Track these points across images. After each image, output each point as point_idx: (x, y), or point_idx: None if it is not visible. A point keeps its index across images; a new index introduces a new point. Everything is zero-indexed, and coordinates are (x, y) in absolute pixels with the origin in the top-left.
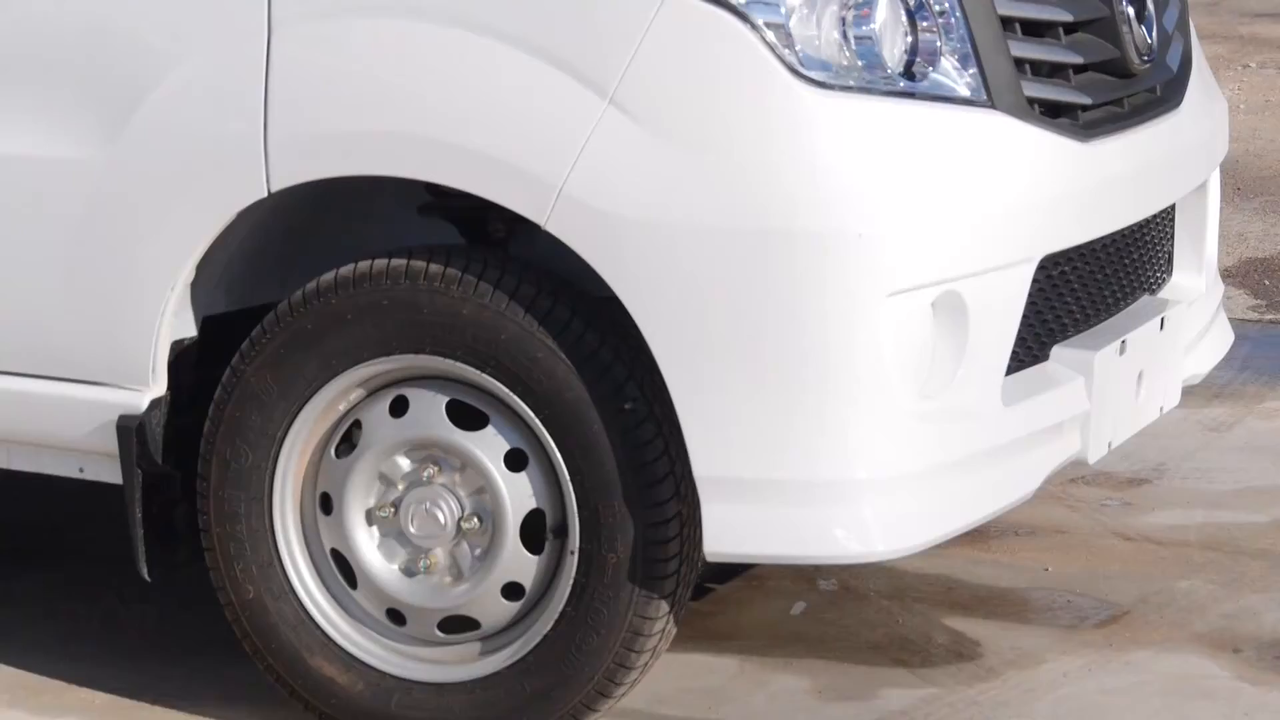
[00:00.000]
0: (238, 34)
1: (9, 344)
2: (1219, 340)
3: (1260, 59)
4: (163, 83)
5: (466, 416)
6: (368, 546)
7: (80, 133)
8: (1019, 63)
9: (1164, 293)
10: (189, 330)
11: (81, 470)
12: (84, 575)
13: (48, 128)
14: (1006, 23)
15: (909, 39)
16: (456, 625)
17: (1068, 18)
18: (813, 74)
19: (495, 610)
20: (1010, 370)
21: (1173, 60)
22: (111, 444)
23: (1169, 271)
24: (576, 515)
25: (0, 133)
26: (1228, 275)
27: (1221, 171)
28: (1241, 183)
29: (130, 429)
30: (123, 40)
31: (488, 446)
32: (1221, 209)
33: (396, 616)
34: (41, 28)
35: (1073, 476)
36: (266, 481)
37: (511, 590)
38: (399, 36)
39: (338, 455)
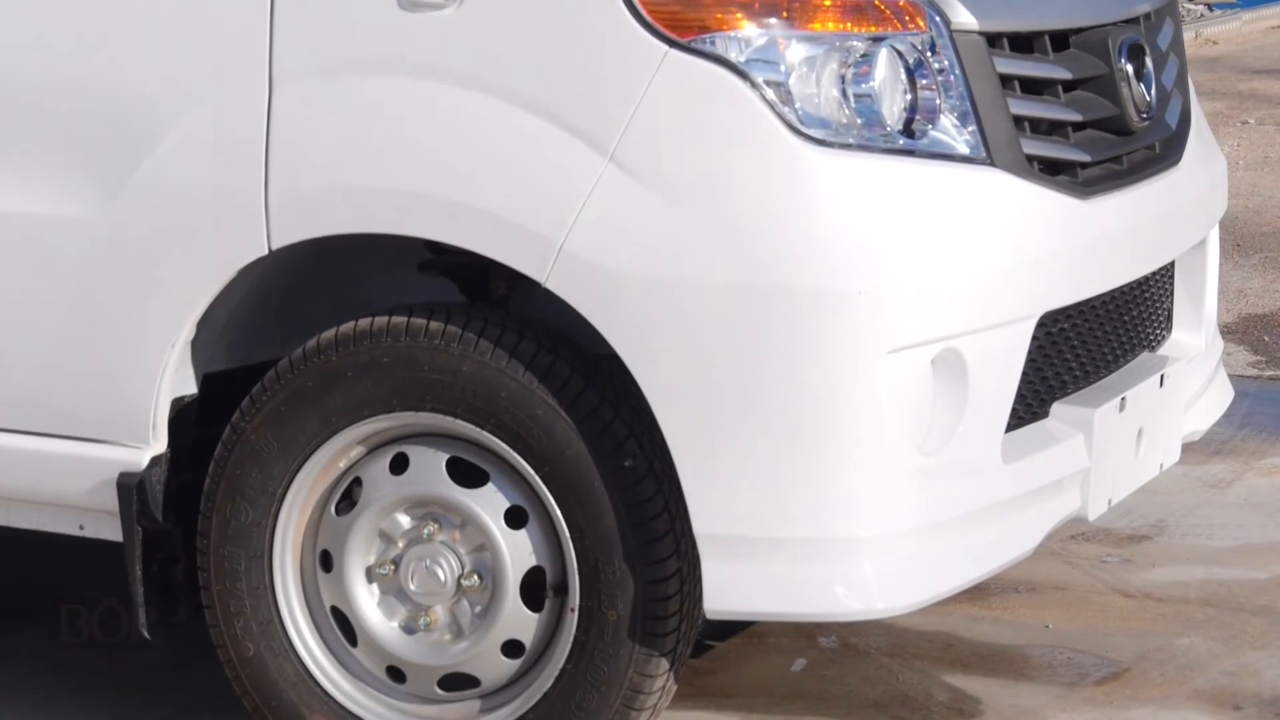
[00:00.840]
0: (239, 91)
1: (9, 401)
2: (1219, 397)
3: (1259, 115)
4: (164, 140)
5: (467, 473)
6: (368, 604)
7: (81, 190)
8: (1018, 120)
9: (1164, 349)
10: (189, 387)
11: (82, 528)
12: (84, 631)
13: (49, 185)
14: (1005, 80)
15: (908, 97)
16: (457, 683)
17: (1067, 75)
18: (812, 131)
19: (495, 668)
20: (1010, 427)
21: (1171, 118)
22: (112, 501)
23: (1168, 328)
24: (577, 572)
25: (3, 190)
26: (1227, 331)
27: (1221, 227)
28: (1241, 239)
29: (130, 486)
30: (124, 98)
31: (488, 504)
32: (1221, 265)
33: (396, 674)
34: (43, 86)
35: (1073, 533)
36: (266, 539)
37: (512, 648)
38: (399, 94)
39: (338, 512)
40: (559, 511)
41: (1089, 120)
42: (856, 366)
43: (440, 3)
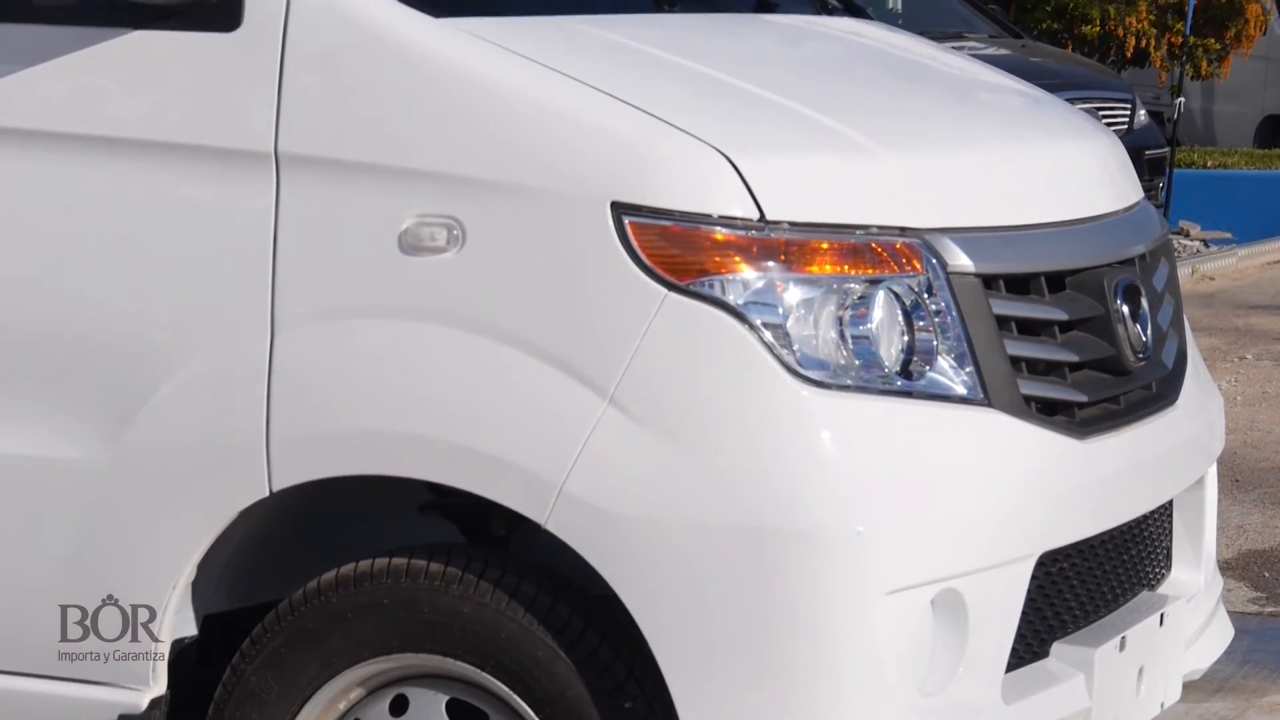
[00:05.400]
0: (241, 335)
1: (8, 642)
2: (1219, 635)
3: (1256, 351)
4: (165, 384)
5: (467, 715)
6: None
7: (82, 433)
8: (1015, 361)
9: (1163, 588)
10: (189, 629)
11: None
12: None
13: (51, 428)
14: (1002, 322)
15: (905, 338)
16: None
17: (1063, 316)
18: (811, 373)
19: None
20: (1010, 667)
21: (1168, 357)
22: None
23: (1168, 567)
24: None
25: (3, 432)
26: (1227, 567)
27: (1219, 463)
28: (1240, 474)
29: None
30: (126, 343)
31: None
32: (1220, 500)
33: None
34: (45, 330)
35: None
36: None
37: None
38: (400, 337)
39: None
40: None
41: (1086, 361)
42: (855, 607)
43: (441, 246)
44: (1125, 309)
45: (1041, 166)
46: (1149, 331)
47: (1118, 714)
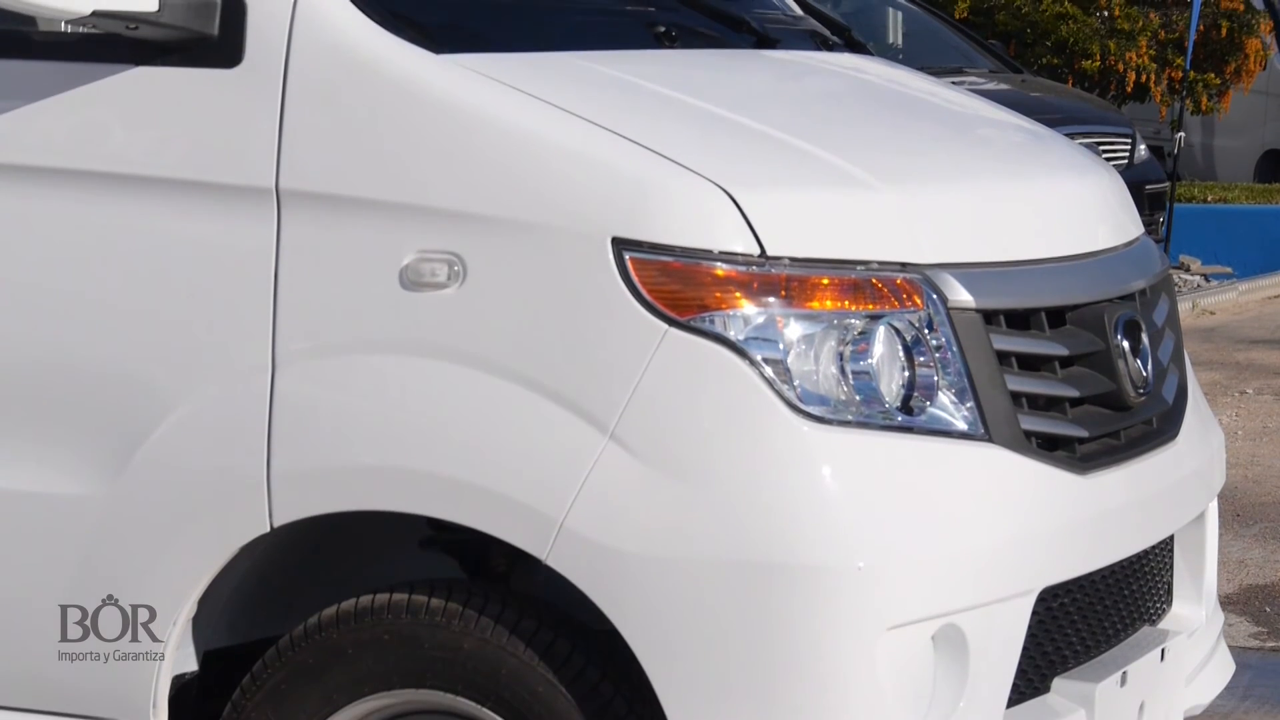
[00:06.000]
0: (242, 370)
1: (8, 678)
2: (1220, 670)
3: (1257, 385)
4: (166, 420)
5: None
6: None
7: (82, 469)
8: (1016, 396)
9: (1164, 623)
10: (190, 664)
11: None
12: None
13: (50, 464)
14: (1003, 357)
15: (906, 374)
16: None
17: (1063, 352)
18: (811, 409)
19: None
20: (1011, 702)
21: (1168, 392)
22: None
23: (1169, 602)
24: None
25: (1, 467)
26: (1228, 602)
27: (1220, 498)
28: (1240, 509)
29: None
30: (128, 378)
31: None
32: (1221, 535)
33: None
34: (46, 364)
35: None
36: None
37: None
38: (401, 372)
39: None
40: None
41: (1086, 396)
42: (856, 642)
43: (443, 282)
44: (1126, 344)
45: (1042, 202)
46: (1149, 366)
47: None
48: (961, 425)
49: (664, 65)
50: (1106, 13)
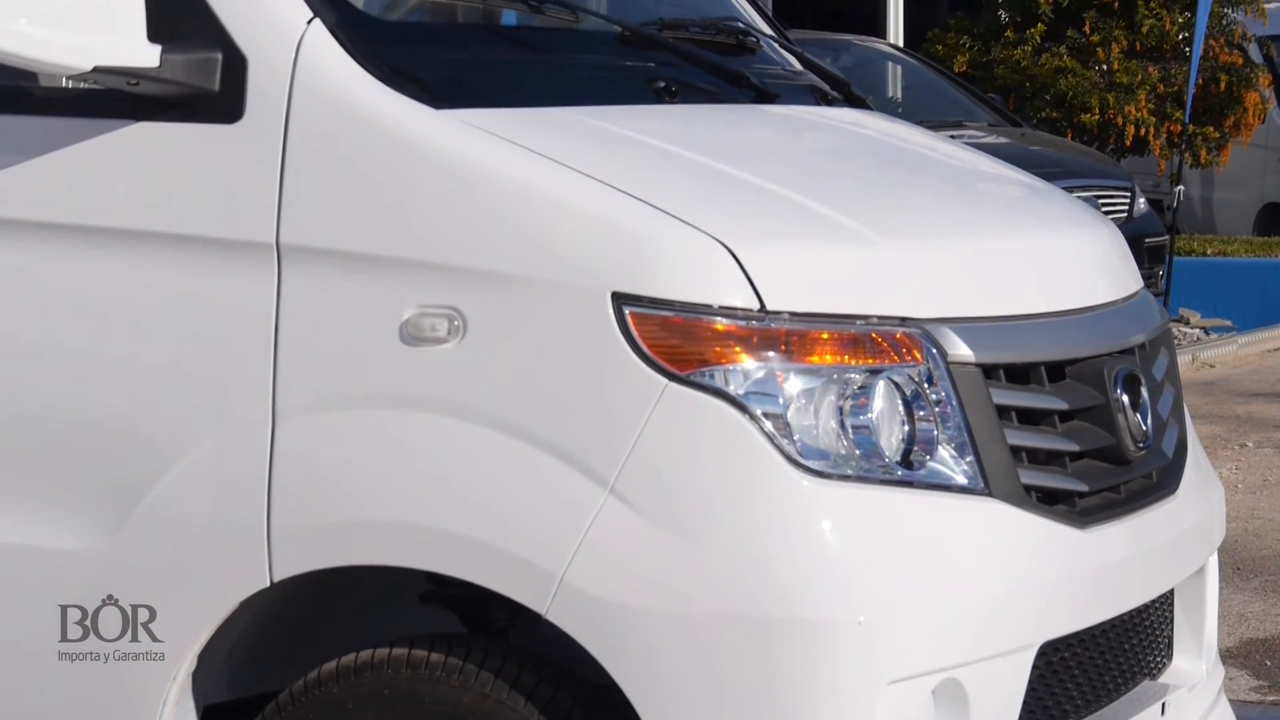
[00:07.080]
0: (242, 424)
1: None
2: None
3: (1257, 438)
4: (166, 475)
5: None
6: None
7: (83, 525)
8: (1015, 450)
9: (1165, 677)
10: (190, 719)
11: None
12: None
13: (49, 519)
14: (1002, 411)
15: (906, 428)
16: None
17: (1063, 406)
18: (811, 463)
19: None
20: None
21: (1168, 446)
22: None
23: (1169, 656)
24: None
25: (2, 522)
26: (1229, 656)
27: (1220, 551)
28: (1241, 562)
29: None
30: (128, 433)
31: None
32: (1221, 589)
33: None
34: (46, 419)
35: None
36: None
37: None
38: (401, 427)
39: None
40: None
41: (1086, 450)
42: (857, 697)
43: (443, 337)
44: (1125, 398)
45: (1041, 256)
46: (1149, 420)
47: None
48: (961, 480)
49: (664, 120)
50: (1105, 66)
